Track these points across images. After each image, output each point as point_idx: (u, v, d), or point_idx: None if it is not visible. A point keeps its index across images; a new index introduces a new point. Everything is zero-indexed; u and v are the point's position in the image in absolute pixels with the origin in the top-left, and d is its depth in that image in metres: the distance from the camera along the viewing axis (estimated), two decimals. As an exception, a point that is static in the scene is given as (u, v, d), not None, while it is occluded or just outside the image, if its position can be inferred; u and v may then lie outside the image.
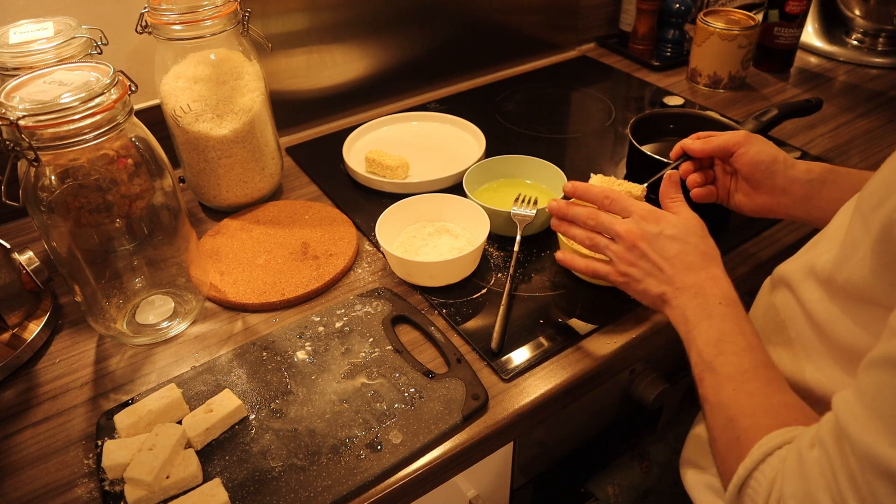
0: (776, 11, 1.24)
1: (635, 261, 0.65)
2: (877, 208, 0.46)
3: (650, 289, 0.64)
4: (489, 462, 0.71)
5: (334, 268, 0.83)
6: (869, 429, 0.38)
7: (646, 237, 0.64)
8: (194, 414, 0.64)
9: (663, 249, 0.63)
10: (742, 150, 0.72)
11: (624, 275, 0.66)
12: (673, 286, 0.62)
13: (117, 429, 0.63)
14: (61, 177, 0.64)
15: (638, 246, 0.64)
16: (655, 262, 0.63)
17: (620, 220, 0.66)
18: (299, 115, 1.15)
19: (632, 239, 0.65)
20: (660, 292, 0.63)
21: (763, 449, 0.47)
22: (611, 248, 0.67)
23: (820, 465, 0.41)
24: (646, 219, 0.65)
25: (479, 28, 1.27)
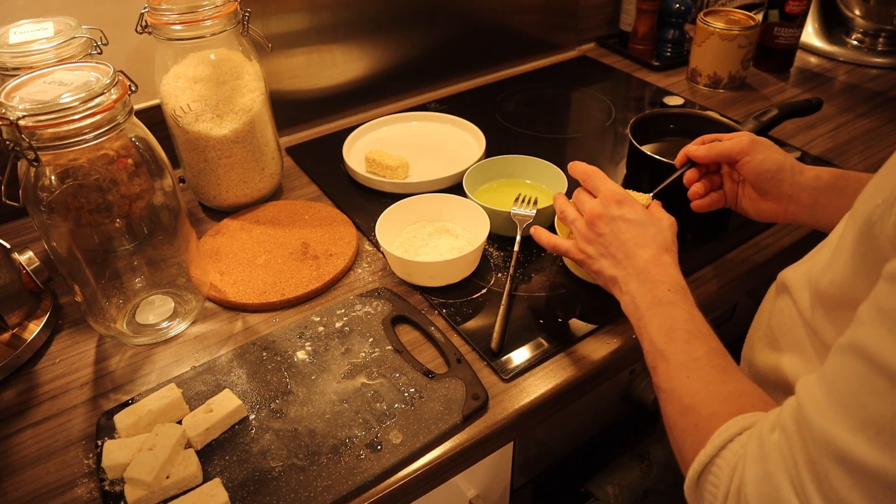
0: (776, 11, 1.24)
1: (594, 239, 0.66)
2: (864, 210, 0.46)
3: (604, 270, 0.65)
4: (489, 462, 0.71)
5: (334, 268, 0.83)
6: (827, 413, 0.38)
7: (605, 217, 0.65)
8: (194, 414, 0.64)
9: (619, 232, 0.64)
10: (747, 157, 0.71)
11: (582, 251, 0.67)
12: (624, 270, 0.63)
13: (117, 429, 0.63)
14: (61, 177, 0.64)
15: (597, 225, 0.65)
16: (611, 244, 0.64)
17: (590, 198, 0.68)
18: (299, 115, 1.15)
19: (592, 217, 0.66)
20: (612, 275, 0.64)
21: (724, 436, 0.46)
22: (575, 224, 0.68)
23: (780, 448, 0.41)
24: (610, 200, 0.66)
25: (479, 28, 1.27)
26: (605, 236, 0.65)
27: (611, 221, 0.65)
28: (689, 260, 0.83)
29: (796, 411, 0.42)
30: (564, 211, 0.70)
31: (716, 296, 0.80)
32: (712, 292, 0.80)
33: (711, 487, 0.46)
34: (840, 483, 0.37)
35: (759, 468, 0.42)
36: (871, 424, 0.36)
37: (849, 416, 0.37)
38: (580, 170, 0.72)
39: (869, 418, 0.36)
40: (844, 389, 0.38)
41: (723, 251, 0.85)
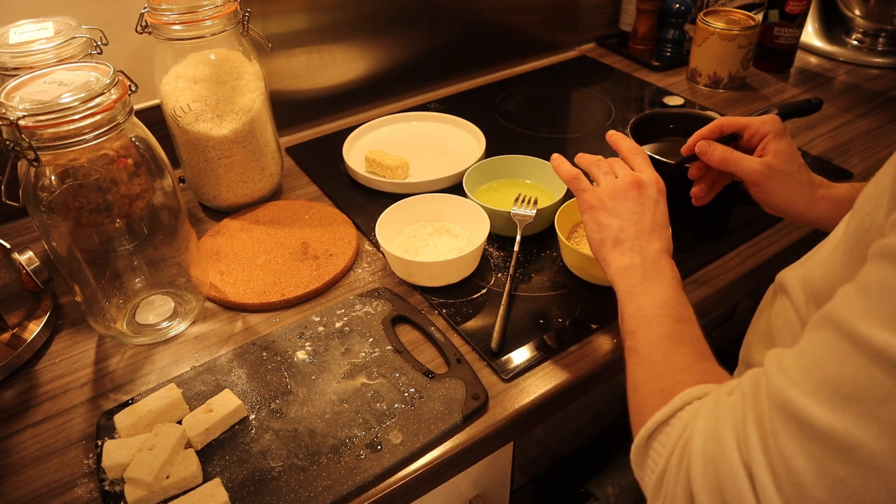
0: (776, 11, 1.24)
1: (623, 198, 0.65)
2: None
3: (612, 226, 0.64)
4: (489, 462, 0.71)
5: (334, 268, 0.83)
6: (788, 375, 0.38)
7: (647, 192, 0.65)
8: (194, 414, 0.64)
9: (649, 211, 0.64)
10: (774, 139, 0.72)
11: (601, 201, 0.65)
12: (638, 242, 0.62)
13: (117, 429, 0.63)
14: (61, 177, 0.64)
15: (634, 191, 0.65)
16: (635, 213, 0.64)
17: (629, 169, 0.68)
18: (299, 115, 1.15)
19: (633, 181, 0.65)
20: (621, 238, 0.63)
21: (684, 398, 0.47)
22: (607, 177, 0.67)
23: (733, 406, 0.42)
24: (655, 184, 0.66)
25: (479, 28, 1.27)
26: (634, 204, 0.64)
27: (648, 199, 0.64)
28: (689, 260, 0.83)
29: (757, 375, 0.42)
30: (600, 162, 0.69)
31: (716, 296, 0.80)
32: (712, 292, 0.79)
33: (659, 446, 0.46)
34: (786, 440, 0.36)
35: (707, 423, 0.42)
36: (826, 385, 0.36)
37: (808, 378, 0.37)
38: (628, 144, 0.70)
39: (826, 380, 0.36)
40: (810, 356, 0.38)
41: (723, 251, 0.85)
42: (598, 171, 0.68)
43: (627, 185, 0.65)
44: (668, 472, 0.44)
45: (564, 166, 0.70)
